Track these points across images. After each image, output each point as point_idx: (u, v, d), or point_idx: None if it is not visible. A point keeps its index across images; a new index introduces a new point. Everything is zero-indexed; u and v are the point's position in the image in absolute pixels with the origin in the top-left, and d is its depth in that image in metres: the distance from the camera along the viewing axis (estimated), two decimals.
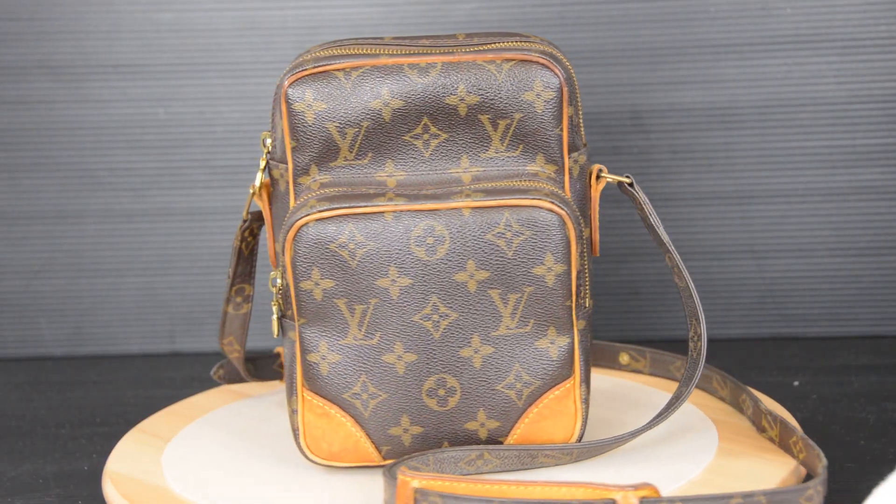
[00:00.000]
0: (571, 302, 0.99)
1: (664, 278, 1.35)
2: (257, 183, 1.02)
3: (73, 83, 1.35)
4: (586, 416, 1.01)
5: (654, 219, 1.03)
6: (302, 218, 0.96)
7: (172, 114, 1.35)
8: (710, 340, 1.33)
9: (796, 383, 1.23)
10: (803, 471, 0.99)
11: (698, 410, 1.10)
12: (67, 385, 1.31)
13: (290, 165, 0.99)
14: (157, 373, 1.33)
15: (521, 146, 1.00)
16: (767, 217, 1.33)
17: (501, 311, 0.98)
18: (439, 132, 0.99)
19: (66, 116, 1.36)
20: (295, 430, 1.00)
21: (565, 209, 0.97)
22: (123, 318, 1.38)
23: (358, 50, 1.00)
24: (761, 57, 1.31)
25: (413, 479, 0.88)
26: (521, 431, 1.00)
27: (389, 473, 0.93)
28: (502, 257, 0.97)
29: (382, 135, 0.99)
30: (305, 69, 0.99)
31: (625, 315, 1.36)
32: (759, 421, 1.06)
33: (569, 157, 1.01)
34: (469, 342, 0.98)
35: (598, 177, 1.03)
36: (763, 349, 1.32)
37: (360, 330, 0.97)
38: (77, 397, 1.28)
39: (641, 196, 1.03)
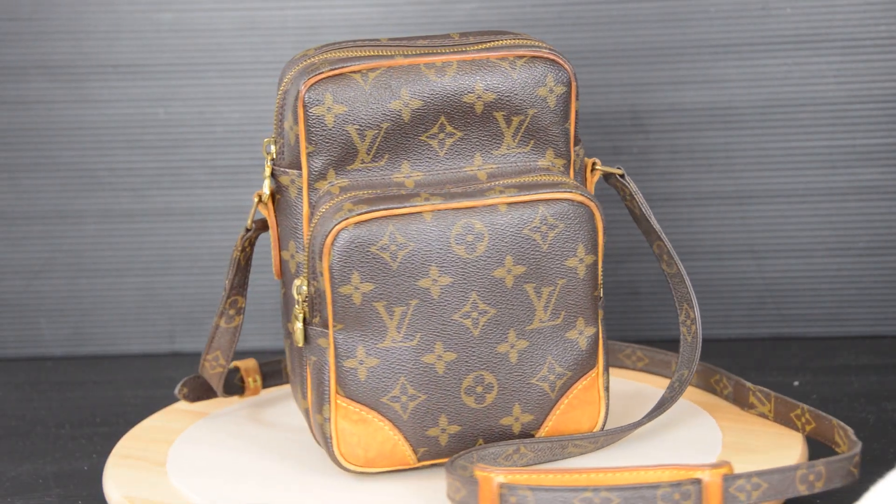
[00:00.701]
0: (598, 292, 1.00)
1: (664, 278, 1.35)
2: (266, 191, 1.01)
3: (73, 83, 1.35)
4: (608, 403, 1.03)
5: (645, 208, 1.05)
6: (340, 222, 0.95)
7: (172, 114, 1.35)
8: (710, 340, 1.34)
9: (796, 383, 1.23)
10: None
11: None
12: (67, 385, 1.31)
13: (305, 171, 0.98)
14: (157, 373, 1.33)
15: (532, 142, 1.01)
16: (767, 217, 1.33)
17: (535, 305, 0.99)
18: (455, 131, 1.00)
19: (66, 116, 1.36)
20: (327, 439, 0.98)
21: (593, 200, 0.99)
22: (123, 318, 1.38)
23: (368, 52, 0.99)
24: (761, 57, 1.31)
25: (497, 475, 0.88)
26: (552, 423, 1.01)
27: (460, 472, 0.93)
28: (538, 251, 0.98)
29: (400, 136, 0.99)
30: (322, 72, 0.98)
31: (625, 315, 1.36)
32: (745, 398, 1.07)
33: (573, 151, 1.02)
34: (506, 337, 0.99)
35: (592, 169, 1.05)
36: (763, 349, 1.32)
37: (399, 332, 0.97)
38: (77, 397, 1.28)
39: (632, 186, 1.05)
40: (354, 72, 0.98)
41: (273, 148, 1.00)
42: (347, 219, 0.95)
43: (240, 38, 1.34)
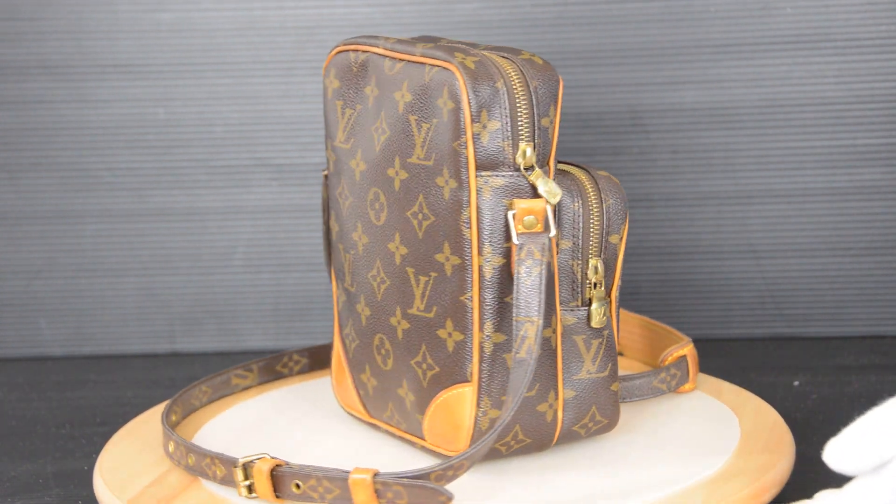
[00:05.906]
0: None
1: (664, 278, 1.35)
2: (559, 192, 0.94)
3: (73, 83, 1.35)
4: None
5: None
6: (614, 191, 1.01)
7: (172, 114, 1.35)
8: (710, 340, 1.34)
9: (796, 383, 1.23)
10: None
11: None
12: (67, 385, 1.31)
13: (553, 160, 0.97)
14: (157, 373, 1.33)
15: None
16: (767, 217, 1.33)
17: None
18: None
19: (66, 116, 1.36)
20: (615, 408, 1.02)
21: None
22: (123, 318, 1.38)
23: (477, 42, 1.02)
24: (761, 57, 1.31)
25: None
26: None
27: None
28: None
29: None
30: (540, 58, 0.97)
31: None
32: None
33: None
34: None
35: None
36: (763, 349, 1.32)
37: None
38: (77, 397, 1.28)
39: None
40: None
41: (531, 153, 0.94)
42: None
43: (240, 38, 1.34)
